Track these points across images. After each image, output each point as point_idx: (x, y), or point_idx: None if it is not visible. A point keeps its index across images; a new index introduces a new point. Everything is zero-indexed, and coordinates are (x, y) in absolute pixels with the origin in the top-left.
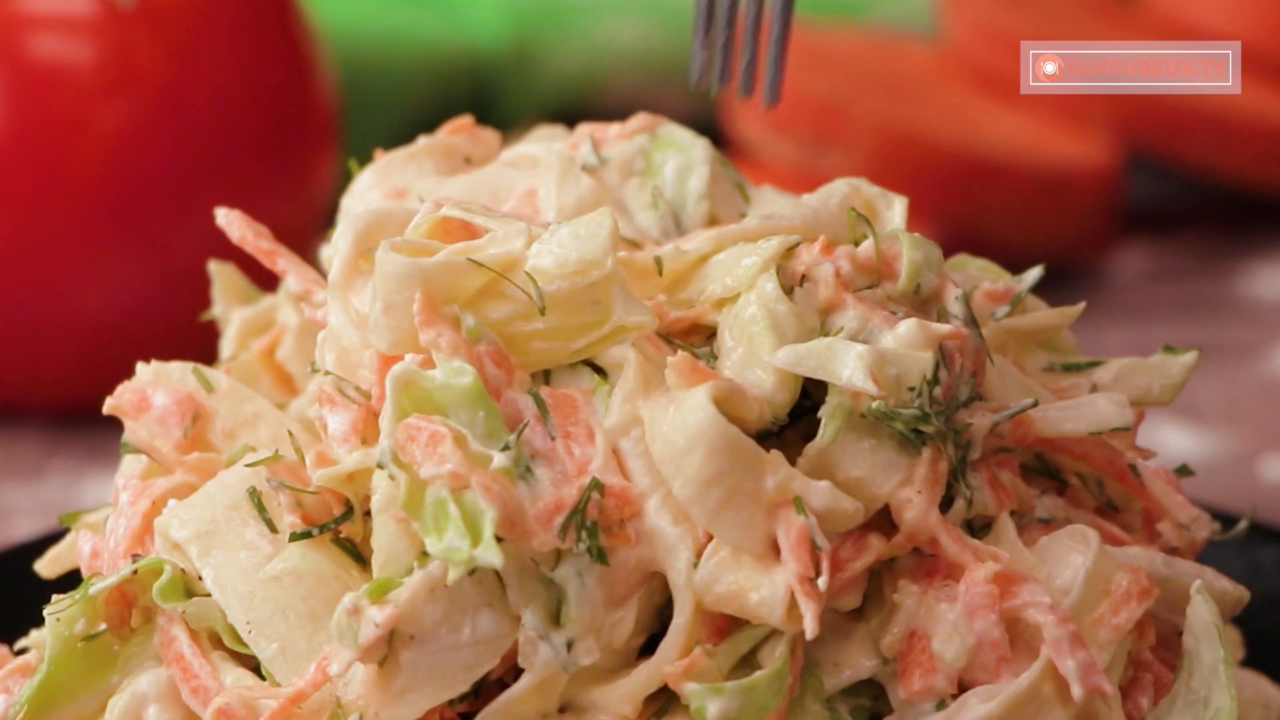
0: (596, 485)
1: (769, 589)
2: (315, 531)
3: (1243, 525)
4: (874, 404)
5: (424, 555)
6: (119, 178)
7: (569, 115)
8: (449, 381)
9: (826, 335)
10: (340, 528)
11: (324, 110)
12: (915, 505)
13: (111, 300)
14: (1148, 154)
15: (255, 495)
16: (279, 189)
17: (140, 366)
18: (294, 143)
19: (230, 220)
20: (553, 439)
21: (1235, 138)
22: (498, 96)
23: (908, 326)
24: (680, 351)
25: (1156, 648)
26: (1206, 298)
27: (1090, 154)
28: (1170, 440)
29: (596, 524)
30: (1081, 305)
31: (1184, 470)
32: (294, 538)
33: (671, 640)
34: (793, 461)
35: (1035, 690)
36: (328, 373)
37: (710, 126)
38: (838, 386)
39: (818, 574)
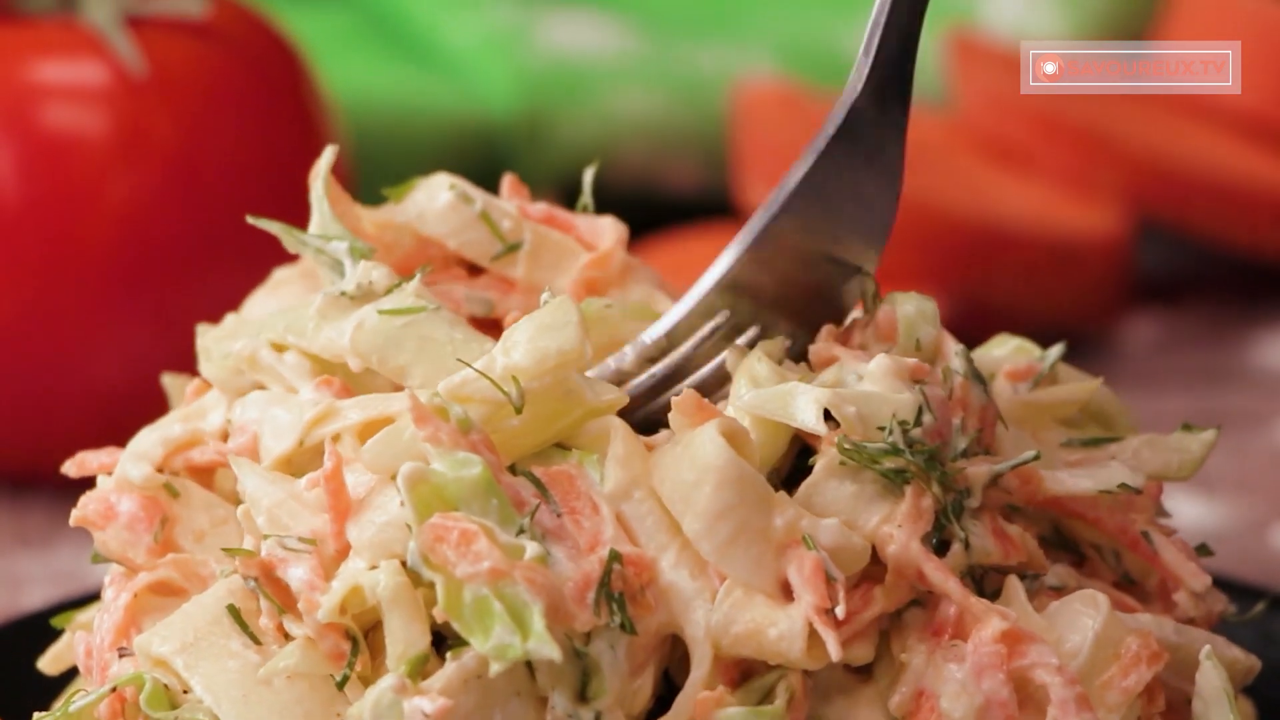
0: (616, 556)
1: (787, 624)
2: (349, 671)
3: (1260, 608)
4: (838, 439)
5: (459, 645)
6: (131, 247)
7: (580, 185)
8: (459, 474)
9: None
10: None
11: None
12: (896, 539)
13: (124, 370)
14: (1158, 223)
15: (235, 612)
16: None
17: (101, 478)
18: (307, 212)
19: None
20: (559, 516)
21: (1245, 207)
22: (510, 166)
23: (877, 362)
24: (686, 389)
25: (1167, 714)
26: (1217, 367)
27: (1101, 223)
28: (1182, 510)
29: (623, 595)
30: (1099, 380)
31: (1204, 550)
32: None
33: (689, 694)
34: None
35: None
36: (266, 536)
37: (721, 196)
38: (827, 435)
39: (834, 604)
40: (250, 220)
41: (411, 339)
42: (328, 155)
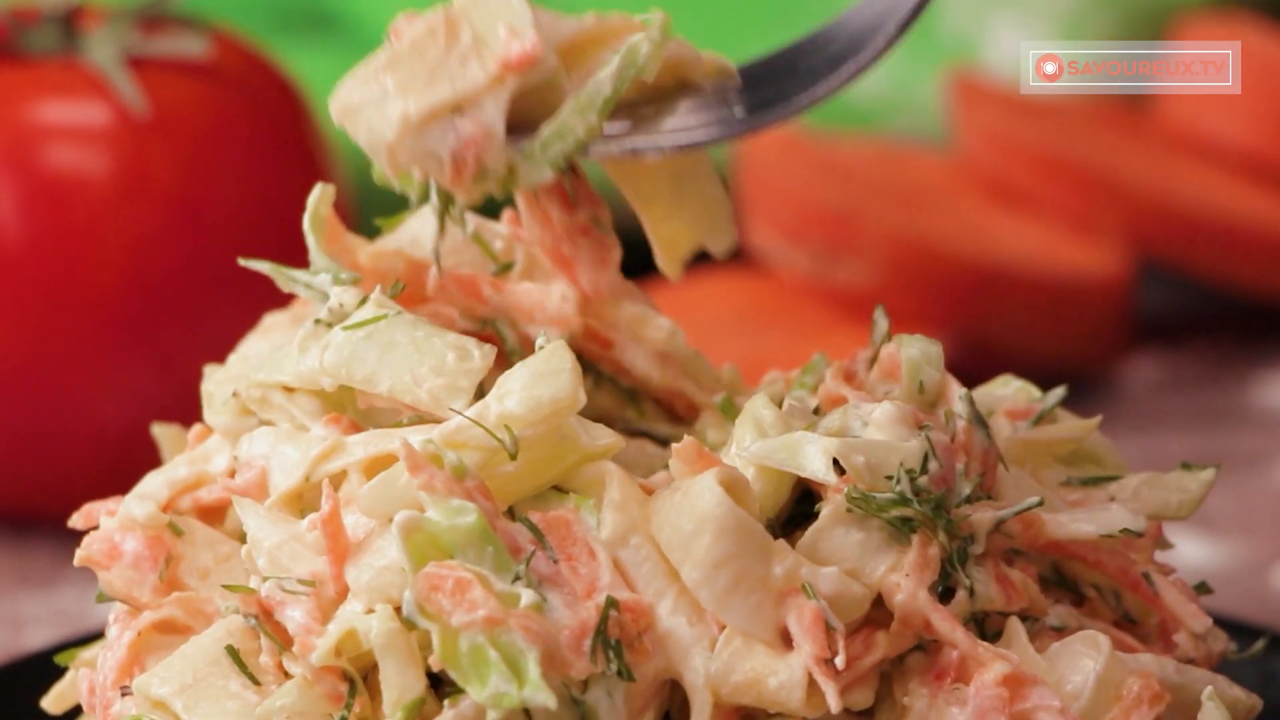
0: (613, 603)
1: (787, 673)
2: (347, 714)
3: (1259, 645)
4: (846, 489)
5: (456, 692)
6: (133, 288)
7: None
8: (454, 522)
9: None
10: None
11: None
12: (904, 588)
13: (126, 410)
14: (1159, 263)
15: (234, 653)
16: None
17: (104, 518)
18: (308, 253)
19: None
20: (555, 562)
21: (1246, 247)
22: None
23: (883, 410)
24: (686, 437)
25: None
26: (1218, 407)
27: (1102, 263)
28: (1183, 550)
29: (620, 641)
30: (1098, 419)
31: (1202, 588)
32: None
33: None
34: None
35: None
36: (265, 578)
37: None
38: (835, 484)
39: (834, 654)
40: (242, 262)
41: (374, 348)
42: (318, 193)
